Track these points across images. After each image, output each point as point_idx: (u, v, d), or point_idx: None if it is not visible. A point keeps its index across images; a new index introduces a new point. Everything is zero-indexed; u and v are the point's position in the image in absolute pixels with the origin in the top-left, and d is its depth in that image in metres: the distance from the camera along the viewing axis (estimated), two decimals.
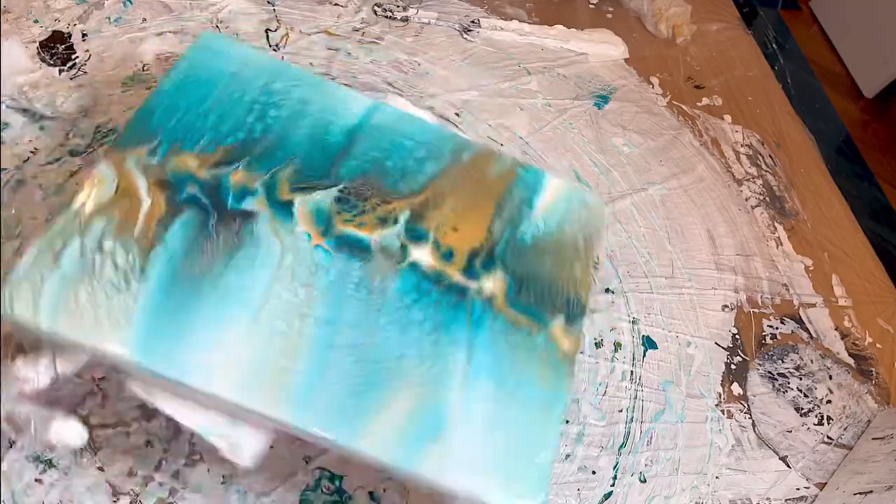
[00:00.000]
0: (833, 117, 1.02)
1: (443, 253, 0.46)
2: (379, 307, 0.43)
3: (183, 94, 0.46)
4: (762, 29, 1.03)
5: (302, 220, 0.44)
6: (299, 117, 0.48)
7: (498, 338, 0.44)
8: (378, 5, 0.77)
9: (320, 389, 0.39)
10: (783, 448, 0.61)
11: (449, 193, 0.48)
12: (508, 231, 0.48)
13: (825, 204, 0.81)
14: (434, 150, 0.50)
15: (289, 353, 0.40)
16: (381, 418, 0.40)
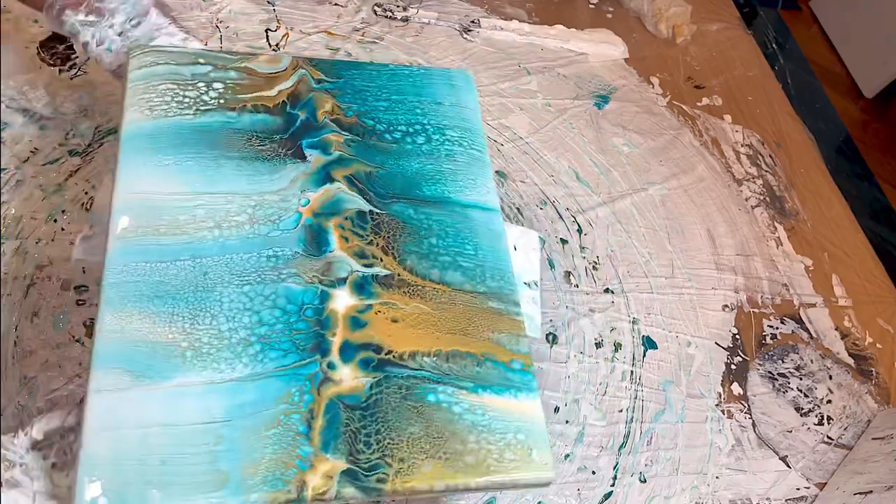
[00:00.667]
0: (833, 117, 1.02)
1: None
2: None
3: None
4: (762, 29, 1.03)
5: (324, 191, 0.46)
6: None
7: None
8: (378, 5, 0.77)
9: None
10: (783, 448, 0.61)
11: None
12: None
13: (825, 204, 0.81)
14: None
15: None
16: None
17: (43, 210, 0.55)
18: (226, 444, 0.36)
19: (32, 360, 0.48)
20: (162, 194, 0.42)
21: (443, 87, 0.53)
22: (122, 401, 0.36)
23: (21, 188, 0.55)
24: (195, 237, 0.41)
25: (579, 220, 0.69)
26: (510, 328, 0.44)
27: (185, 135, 0.45)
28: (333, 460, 0.37)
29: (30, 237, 0.53)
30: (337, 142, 0.48)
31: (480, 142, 0.52)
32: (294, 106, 0.48)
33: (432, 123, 0.51)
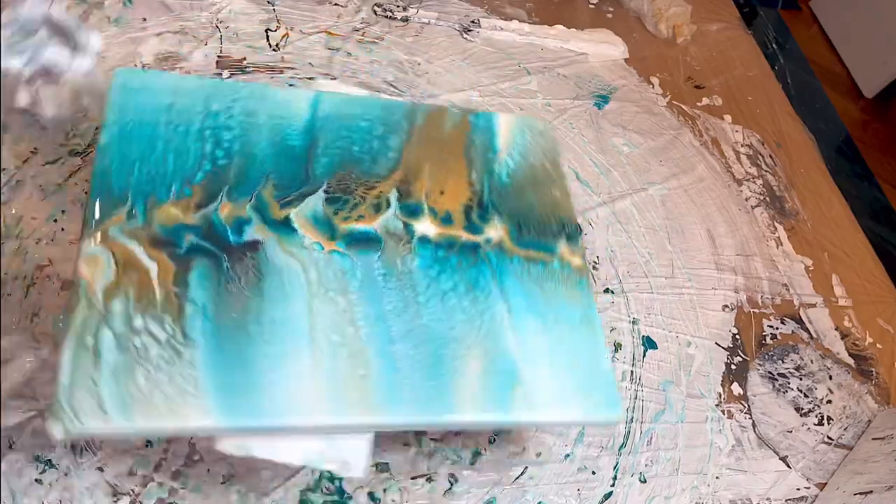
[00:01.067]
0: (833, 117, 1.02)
1: (442, 218, 0.47)
2: (413, 288, 0.44)
3: (129, 143, 0.44)
4: (762, 29, 1.03)
5: (306, 231, 0.44)
6: (253, 131, 0.47)
7: (522, 277, 0.47)
8: (378, 5, 0.77)
9: (399, 383, 0.41)
10: (783, 448, 0.61)
11: (422, 160, 0.50)
12: (486, 178, 0.51)
13: (825, 204, 0.81)
14: (390, 122, 0.51)
15: (358, 360, 0.41)
16: (461, 388, 0.42)
17: (43, 210, 0.55)
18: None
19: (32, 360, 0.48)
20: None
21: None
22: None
23: (21, 188, 0.55)
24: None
25: (579, 220, 0.69)
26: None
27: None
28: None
29: (30, 237, 0.53)
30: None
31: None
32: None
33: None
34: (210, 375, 0.38)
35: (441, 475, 0.51)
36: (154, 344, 0.38)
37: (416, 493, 0.50)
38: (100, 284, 0.40)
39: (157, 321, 0.39)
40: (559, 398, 0.44)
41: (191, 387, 0.37)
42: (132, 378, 0.37)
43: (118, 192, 0.43)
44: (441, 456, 0.52)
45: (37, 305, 0.50)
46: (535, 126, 0.55)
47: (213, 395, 0.37)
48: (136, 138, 0.45)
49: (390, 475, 0.50)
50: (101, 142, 0.44)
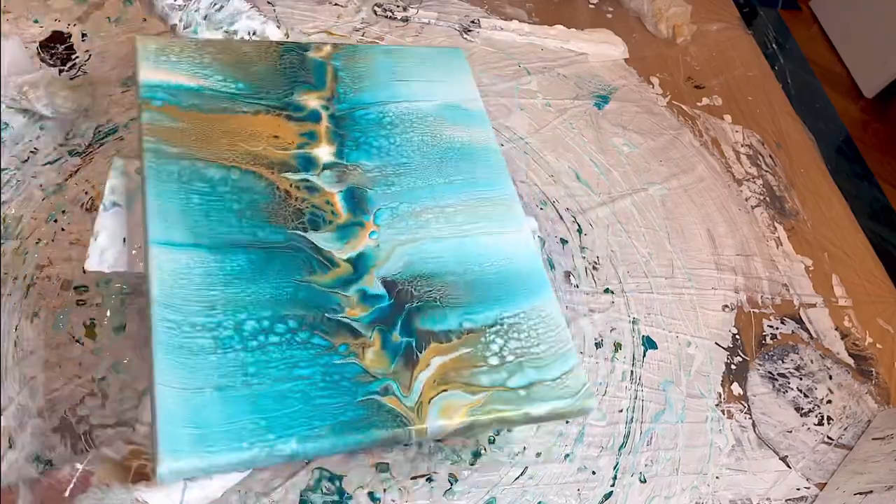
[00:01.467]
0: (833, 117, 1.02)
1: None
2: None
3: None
4: (762, 29, 1.03)
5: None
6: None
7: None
8: (378, 5, 0.77)
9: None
10: (783, 448, 0.61)
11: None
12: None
13: (825, 204, 0.81)
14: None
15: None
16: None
17: (43, 210, 0.55)
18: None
19: (32, 361, 0.48)
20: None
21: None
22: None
23: (21, 188, 0.55)
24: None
25: (579, 220, 0.69)
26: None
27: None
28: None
29: (30, 237, 0.53)
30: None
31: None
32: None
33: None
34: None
35: (441, 475, 0.51)
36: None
37: (416, 493, 0.50)
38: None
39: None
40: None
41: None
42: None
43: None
44: (441, 456, 0.52)
45: (37, 305, 0.50)
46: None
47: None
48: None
49: (390, 475, 0.50)
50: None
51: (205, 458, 0.36)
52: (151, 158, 0.46)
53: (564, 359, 0.46)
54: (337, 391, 0.40)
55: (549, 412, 0.44)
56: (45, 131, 0.59)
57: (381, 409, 0.40)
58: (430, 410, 0.41)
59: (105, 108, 0.61)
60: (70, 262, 0.52)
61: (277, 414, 0.39)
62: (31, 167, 0.56)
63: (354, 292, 0.45)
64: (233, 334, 0.41)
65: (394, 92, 0.55)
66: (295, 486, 0.48)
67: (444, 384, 0.43)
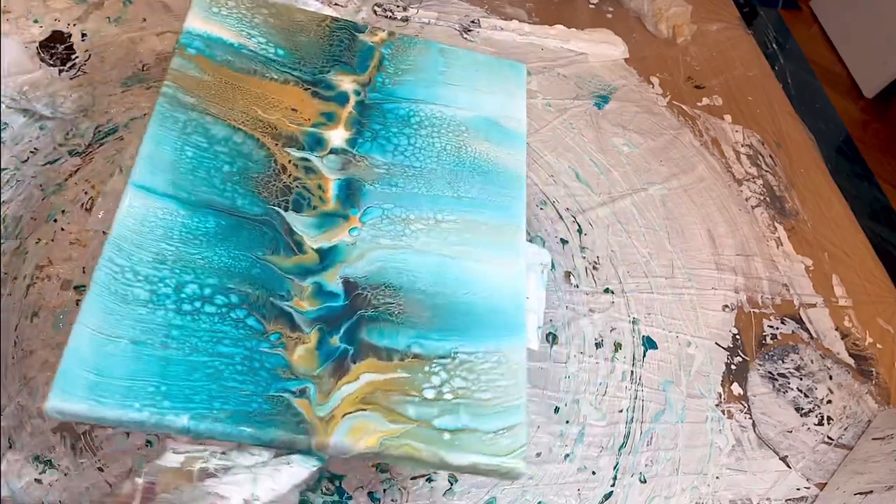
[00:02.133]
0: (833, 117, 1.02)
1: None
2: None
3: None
4: (762, 29, 1.03)
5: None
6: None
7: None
8: (378, 5, 0.77)
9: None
10: (783, 448, 0.61)
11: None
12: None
13: (825, 204, 0.81)
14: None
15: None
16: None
17: (43, 210, 0.55)
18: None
19: (32, 360, 0.48)
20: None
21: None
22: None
23: (21, 188, 0.55)
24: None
25: (579, 220, 0.69)
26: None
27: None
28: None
29: (30, 237, 0.53)
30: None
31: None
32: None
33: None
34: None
35: (441, 475, 0.51)
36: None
37: (416, 493, 0.50)
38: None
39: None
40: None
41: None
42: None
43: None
44: None
45: (37, 305, 0.50)
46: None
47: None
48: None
49: (390, 475, 0.50)
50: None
51: (93, 406, 0.35)
52: (164, 103, 0.45)
53: (509, 413, 0.42)
54: (251, 378, 0.38)
55: (469, 465, 0.40)
56: (45, 131, 0.59)
57: (287, 410, 0.38)
58: (339, 426, 0.38)
59: (105, 108, 0.61)
60: (70, 262, 0.52)
61: (181, 384, 0.37)
62: (30, 167, 0.56)
63: (310, 283, 0.42)
64: (171, 293, 0.39)
65: (434, 92, 0.52)
66: (295, 487, 0.48)
67: (365, 403, 0.40)
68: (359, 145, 0.48)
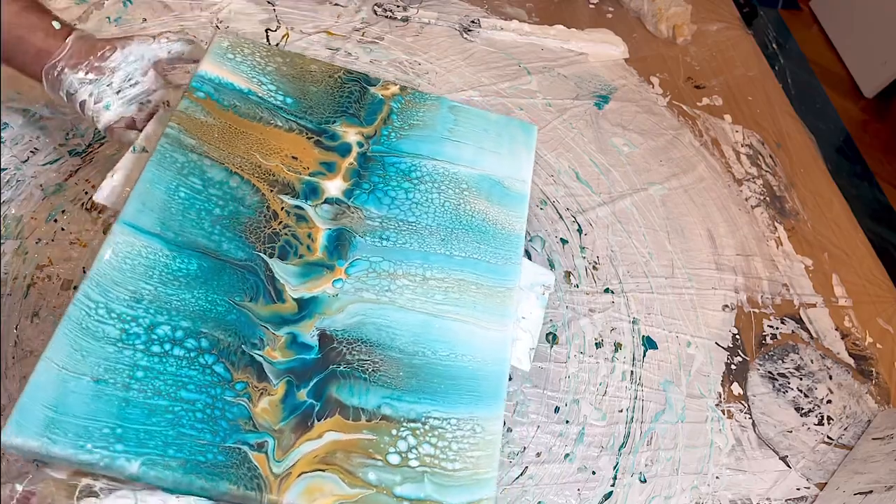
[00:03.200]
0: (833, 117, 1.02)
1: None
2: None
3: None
4: (762, 29, 1.03)
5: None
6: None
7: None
8: (378, 5, 0.77)
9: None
10: (783, 448, 0.61)
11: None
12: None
13: (825, 204, 0.81)
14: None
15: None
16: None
17: (43, 210, 0.55)
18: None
19: (32, 360, 0.48)
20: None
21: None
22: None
23: (21, 188, 0.55)
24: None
25: (579, 220, 0.69)
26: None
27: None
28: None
29: (30, 237, 0.53)
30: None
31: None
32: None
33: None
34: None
35: None
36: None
37: None
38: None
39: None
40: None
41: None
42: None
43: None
44: None
45: (37, 305, 0.50)
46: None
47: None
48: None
49: None
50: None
51: (45, 444, 0.35)
52: (165, 143, 0.45)
53: (478, 486, 0.40)
54: (210, 427, 0.37)
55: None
56: (45, 131, 0.59)
57: (242, 464, 0.37)
58: (293, 485, 0.37)
59: None
60: (70, 262, 0.52)
61: (137, 427, 0.36)
62: (30, 167, 0.56)
63: (285, 333, 0.41)
64: (142, 332, 0.39)
65: (439, 149, 0.51)
66: None
67: (324, 464, 0.38)
68: (355, 196, 0.48)
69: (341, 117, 0.51)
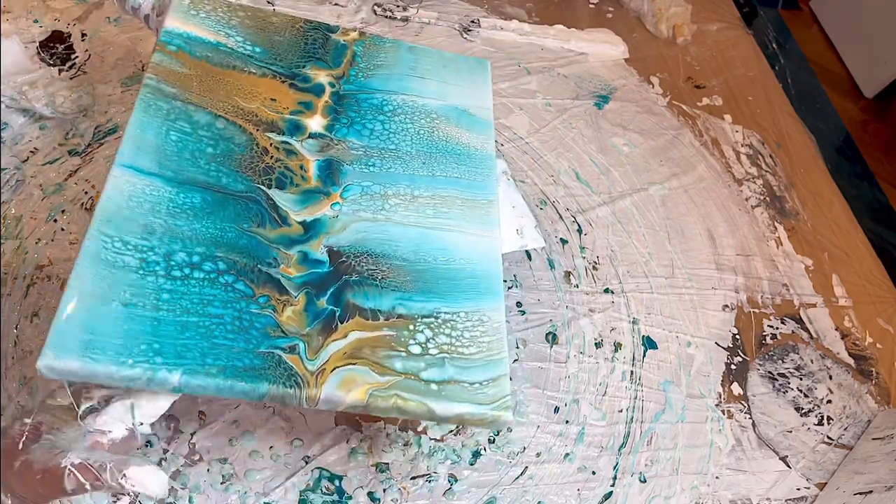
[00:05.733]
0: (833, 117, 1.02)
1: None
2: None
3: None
4: (762, 29, 1.03)
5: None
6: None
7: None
8: (378, 5, 0.77)
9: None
10: (783, 448, 0.61)
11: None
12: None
13: (825, 204, 0.81)
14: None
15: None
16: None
17: (43, 210, 0.55)
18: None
19: (32, 360, 0.48)
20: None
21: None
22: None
23: (21, 188, 0.55)
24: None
25: (579, 220, 0.69)
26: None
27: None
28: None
29: (30, 237, 0.53)
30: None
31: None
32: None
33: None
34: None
35: (441, 475, 0.51)
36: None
37: (416, 493, 0.50)
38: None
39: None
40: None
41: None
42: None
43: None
44: (441, 456, 0.52)
45: (37, 305, 0.51)
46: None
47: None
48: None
49: (390, 475, 0.50)
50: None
51: (86, 363, 0.36)
52: (147, 92, 0.46)
53: (493, 366, 0.44)
54: (242, 337, 0.40)
55: (457, 415, 0.42)
56: (45, 131, 0.59)
57: (279, 365, 0.39)
58: (329, 379, 0.40)
59: (104, 108, 0.61)
60: (70, 262, 0.52)
61: (173, 342, 0.38)
62: (30, 167, 0.56)
63: (296, 252, 0.44)
64: (160, 260, 0.40)
65: (405, 85, 0.55)
66: (295, 486, 0.48)
67: (353, 358, 0.41)
68: (336, 130, 0.51)
69: (310, 62, 0.53)
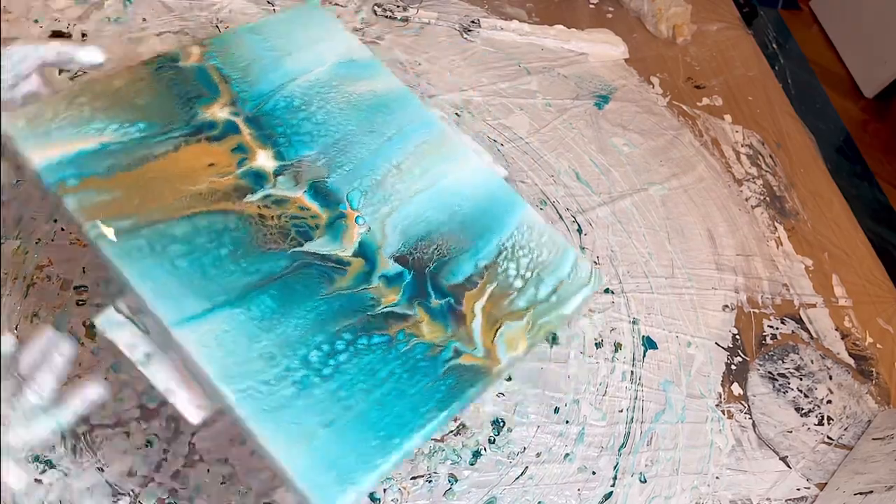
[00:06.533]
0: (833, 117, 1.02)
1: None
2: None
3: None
4: (762, 29, 1.03)
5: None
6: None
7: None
8: (378, 5, 0.77)
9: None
10: (783, 448, 0.61)
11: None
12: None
13: (825, 204, 0.81)
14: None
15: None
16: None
17: (43, 210, 0.55)
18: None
19: None
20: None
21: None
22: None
23: (21, 188, 0.55)
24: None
25: (579, 220, 0.69)
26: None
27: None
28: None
29: (30, 237, 0.53)
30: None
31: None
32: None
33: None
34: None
35: (441, 475, 0.51)
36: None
37: (416, 493, 0.50)
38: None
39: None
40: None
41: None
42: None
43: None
44: (441, 456, 0.52)
45: (37, 305, 0.50)
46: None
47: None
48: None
49: (390, 475, 0.50)
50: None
51: (353, 489, 0.37)
52: (107, 243, 0.40)
53: (566, 254, 0.48)
54: (420, 374, 0.42)
55: (582, 303, 0.47)
56: None
57: (465, 370, 0.42)
58: (498, 350, 0.43)
59: None
60: (70, 262, 0.52)
61: (388, 420, 0.40)
62: None
63: (379, 280, 0.45)
64: (306, 372, 0.40)
65: (283, 71, 0.52)
66: None
67: (494, 323, 0.45)
68: (285, 154, 0.48)
69: (193, 105, 0.47)
